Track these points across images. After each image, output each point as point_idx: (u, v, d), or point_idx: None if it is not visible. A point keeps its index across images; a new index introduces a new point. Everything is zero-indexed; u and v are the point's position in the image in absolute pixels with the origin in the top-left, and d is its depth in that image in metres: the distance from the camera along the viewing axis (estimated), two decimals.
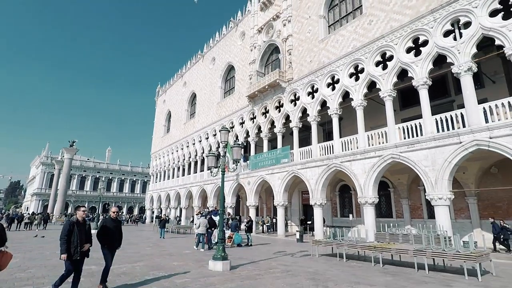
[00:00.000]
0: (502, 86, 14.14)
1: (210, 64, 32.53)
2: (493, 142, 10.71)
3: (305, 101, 18.99)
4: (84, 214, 5.55)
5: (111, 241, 5.97)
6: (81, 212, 5.46)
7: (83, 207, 5.70)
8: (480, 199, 15.03)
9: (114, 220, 6.26)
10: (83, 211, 5.56)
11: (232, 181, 24.38)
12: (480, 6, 11.67)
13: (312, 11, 19.99)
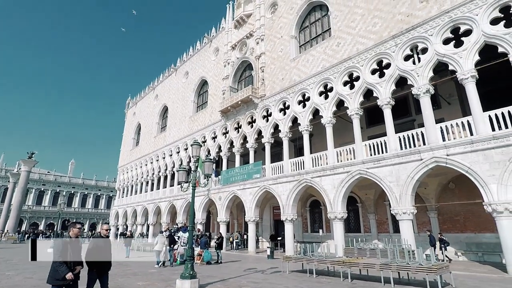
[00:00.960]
0: (456, 107, 15.34)
1: (183, 78, 32.32)
2: (450, 159, 11.48)
3: (277, 117, 19.33)
4: (79, 232, 4.99)
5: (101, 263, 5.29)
6: (76, 230, 4.91)
7: (79, 224, 5.06)
8: (440, 213, 15.88)
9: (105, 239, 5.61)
10: (79, 229, 4.98)
11: (203, 197, 23.89)
12: (434, 34, 12.75)
13: (284, 31, 20.73)
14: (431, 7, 13.16)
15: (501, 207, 10.04)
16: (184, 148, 28.29)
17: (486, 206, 10.44)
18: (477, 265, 12.72)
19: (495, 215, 10.24)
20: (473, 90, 11.42)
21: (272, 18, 22.32)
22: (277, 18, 21.68)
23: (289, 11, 20.71)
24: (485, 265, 12.42)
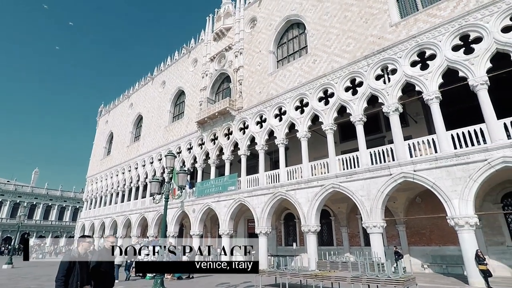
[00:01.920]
0: (423, 125, 16.23)
1: (160, 87, 31.88)
2: (417, 175, 12.07)
3: (254, 130, 19.47)
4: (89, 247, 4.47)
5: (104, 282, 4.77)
6: (86, 244, 4.38)
7: (89, 238, 4.51)
8: (408, 226, 16.49)
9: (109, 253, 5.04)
10: (89, 243, 4.44)
11: (176, 209, 23.28)
12: (403, 57, 13.59)
13: (263, 46, 21.19)
14: (400, 31, 14.06)
15: (462, 221, 10.63)
16: (158, 159, 27.62)
17: (449, 220, 11.02)
18: (442, 277, 13.25)
19: (457, 228, 10.81)
20: (437, 110, 12.19)
21: (251, 32, 22.78)
22: (256, 33, 22.16)
23: (268, 27, 21.27)
24: (449, 277, 12.97)
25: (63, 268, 4.10)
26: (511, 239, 13.39)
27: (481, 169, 10.66)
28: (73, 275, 4.07)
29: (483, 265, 10.23)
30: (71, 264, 4.13)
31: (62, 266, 4.13)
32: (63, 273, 4.06)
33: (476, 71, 11.44)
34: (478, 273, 10.30)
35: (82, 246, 4.38)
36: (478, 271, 10.25)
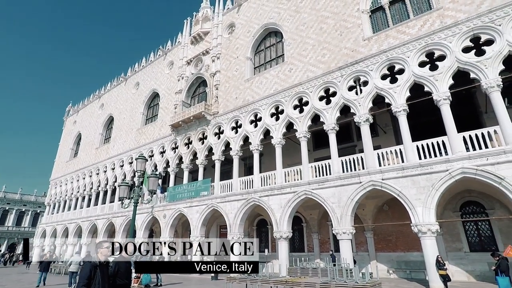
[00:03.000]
0: (391, 136, 16.99)
1: (133, 89, 30.99)
2: (384, 183, 12.56)
3: (229, 135, 19.40)
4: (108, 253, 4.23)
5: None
6: (105, 250, 4.14)
7: (106, 243, 4.24)
8: (375, 233, 17.04)
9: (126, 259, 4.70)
10: (107, 248, 4.18)
11: (146, 214, 22.52)
12: (374, 70, 14.21)
13: (240, 52, 21.30)
14: (372, 45, 14.71)
15: (425, 228, 11.17)
16: (129, 162, 26.68)
17: (413, 227, 11.53)
18: (405, 282, 13.79)
19: (420, 235, 11.34)
20: (405, 122, 12.82)
21: (229, 38, 22.84)
22: (234, 39, 22.26)
23: (246, 33, 21.44)
24: (412, 282, 13.52)
25: (84, 276, 3.88)
26: (468, 245, 14.24)
27: (443, 178, 11.30)
28: (94, 284, 3.85)
29: (443, 270, 10.76)
30: (92, 272, 3.90)
31: (83, 274, 3.91)
32: (83, 282, 3.84)
33: (439, 87, 12.19)
34: (439, 278, 10.82)
35: (101, 252, 4.14)
36: (438, 276, 10.77)
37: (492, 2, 11.91)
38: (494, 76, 11.15)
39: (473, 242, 14.27)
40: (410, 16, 14.22)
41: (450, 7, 12.92)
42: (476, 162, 10.84)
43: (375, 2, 15.70)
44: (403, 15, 14.64)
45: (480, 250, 13.74)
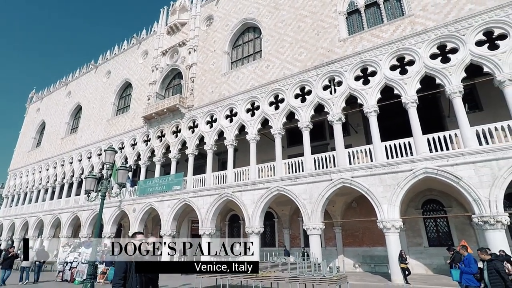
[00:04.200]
0: (362, 136, 17.61)
1: (104, 77, 29.63)
2: (354, 181, 13.02)
3: (203, 129, 19.16)
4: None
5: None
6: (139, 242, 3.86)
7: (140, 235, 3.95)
8: (343, 229, 17.66)
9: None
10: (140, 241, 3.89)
11: (114, 208, 21.76)
12: (348, 71, 14.61)
13: (218, 45, 21.02)
14: (347, 47, 15.10)
15: (389, 224, 11.75)
16: (98, 154, 25.57)
17: (379, 223, 12.08)
18: (370, 275, 14.45)
19: (385, 231, 11.91)
20: (375, 123, 13.33)
21: (207, 30, 22.45)
22: (212, 32, 21.91)
23: (224, 27, 21.17)
24: (376, 275, 14.19)
25: (119, 270, 3.68)
26: (427, 241, 15.18)
27: (407, 177, 11.92)
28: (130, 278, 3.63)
29: (404, 264, 11.40)
30: (127, 266, 3.68)
31: (118, 268, 3.70)
32: (120, 275, 3.64)
33: (408, 90, 12.79)
34: (400, 271, 11.46)
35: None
36: (400, 269, 11.40)
37: (458, 13, 12.63)
38: (457, 82, 11.88)
39: (432, 238, 15.23)
40: (384, 21, 14.74)
41: (420, 14, 13.55)
42: (437, 162, 11.53)
43: (351, 4, 16.09)
44: (377, 19, 15.14)
45: (437, 245, 14.70)
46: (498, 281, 5.47)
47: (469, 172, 10.87)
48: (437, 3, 13.25)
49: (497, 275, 5.55)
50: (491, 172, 10.52)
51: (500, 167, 10.42)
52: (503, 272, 5.51)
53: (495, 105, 13.68)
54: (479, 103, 15.47)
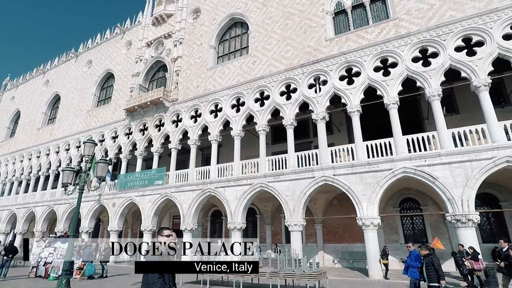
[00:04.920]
0: (344, 135, 17.93)
1: (85, 67, 28.65)
2: (335, 179, 13.27)
3: (187, 124, 18.93)
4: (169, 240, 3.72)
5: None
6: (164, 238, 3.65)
7: (167, 230, 3.73)
8: (324, 226, 18.00)
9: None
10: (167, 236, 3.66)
11: (93, 202, 21.21)
12: (333, 70, 14.81)
13: (204, 39, 20.76)
14: (333, 46, 15.28)
15: (368, 221, 12.08)
16: (76, 146, 24.77)
17: (358, 220, 12.40)
18: (348, 271, 14.83)
19: (364, 228, 12.24)
20: (357, 122, 13.61)
21: (193, 23, 22.11)
22: (199, 25, 21.61)
23: (212, 21, 20.92)
24: (354, 271, 14.57)
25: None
26: (404, 238, 15.73)
27: (387, 176, 12.28)
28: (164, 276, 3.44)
29: (386, 260, 11.78)
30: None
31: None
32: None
33: (390, 92, 13.12)
34: (378, 267, 11.84)
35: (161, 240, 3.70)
36: (381, 264, 11.79)
37: (439, 19, 13.04)
38: (436, 86, 12.30)
39: (407, 235, 15.79)
40: (369, 23, 15.01)
41: (404, 18, 13.89)
42: (415, 163, 11.93)
43: (339, 4, 16.28)
44: (363, 20, 15.40)
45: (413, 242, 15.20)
46: (432, 273, 6.16)
47: (444, 173, 11.32)
48: (421, 8, 13.62)
49: (432, 267, 6.20)
50: (464, 173, 11.00)
51: (473, 168, 10.91)
52: (437, 265, 6.17)
53: (471, 108, 14.27)
54: (456, 106, 16.10)
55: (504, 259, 7.73)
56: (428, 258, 6.46)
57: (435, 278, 6.16)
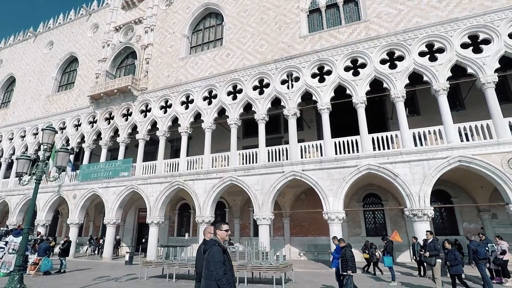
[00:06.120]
0: (314, 131, 18.36)
1: (45, 48, 26.61)
2: (304, 174, 13.60)
3: (157, 114, 18.35)
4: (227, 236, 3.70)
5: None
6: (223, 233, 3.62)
7: (226, 225, 3.69)
8: (292, 219, 18.41)
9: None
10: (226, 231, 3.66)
11: (51, 193, 19.95)
12: (306, 67, 15.06)
13: (177, 27, 20.12)
14: (307, 44, 15.51)
15: (334, 215, 12.55)
16: (33, 133, 23.08)
17: (324, 214, 12.84)
18: (313, 263, 15.36)
19: (329, 222, 12.70)
20: (327, 119, 14.00)
21: (166, 10, 21.32)
22: (172, 13, 20.88)
23: (185, 9, 20.31)
24: (318, 263, 15.12)
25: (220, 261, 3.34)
26: (365, 231, 16.56)
27: (352, 173, 12.80)
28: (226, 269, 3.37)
29: (366, 254, 12.31)
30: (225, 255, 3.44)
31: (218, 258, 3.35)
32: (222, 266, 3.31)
33: (359, 91, 13.62)
34: None
35: (220, 234, 3.65)
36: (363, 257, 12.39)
37: (407, 24, 13.70)
38: (401, 88, 12.97)
39: (369, 228, 16.65)
40: (342, 23, 15.40)
41: (375, 21, 14.42)
42: (379, 160, 12.55)
43: (313, 3, 16.51)
44: (336, 20, 15.77)
45: (374, 235, 16.08)
46: (344, 263, 6.97)
47: (404, 170, 12.03)
48: (390, 12, 14.22)
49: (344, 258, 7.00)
50: (422, 171, 11.77)
51: (430, 167, 11.70)
52: (349, 257, 6.95)
53: (430, 110, 15.23)
54: (417, 108, 17.08)
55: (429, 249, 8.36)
56: (343, 250, 7.21)
57: (346, 267, 6.92)
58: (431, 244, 8.41)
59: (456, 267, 7.62)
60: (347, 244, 7.45)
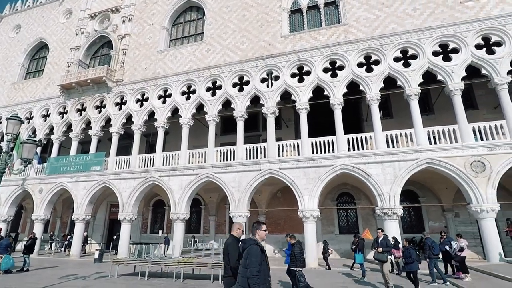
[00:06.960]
0: (292, 130, 18.58)
1: (12, 32, 24.98)
2: (281, 172, 13.74)
3: (132, 108, 17.79)
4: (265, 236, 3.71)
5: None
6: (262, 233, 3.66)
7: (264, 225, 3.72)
8: (268, 217, 18.55)
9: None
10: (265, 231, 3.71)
11: (15, 187, 18.82)
12: (286, 67, 15.19)
13: (156, 19, 19.58)
14: (287, 43, 15.63)
15: (309, 213, 12.80)
16: None
17: (299, 212, 13.06)
18: None
19: (304, 220, 12.94)
20: (304, 119, 14.21)
21: (145, 1, 20.65)
22: (151, 3, 20.27)
23: (166, 1, 19.78)
24: None
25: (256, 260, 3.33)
26: (338, 229, 17.03)
27: (328, 172, 13.10)
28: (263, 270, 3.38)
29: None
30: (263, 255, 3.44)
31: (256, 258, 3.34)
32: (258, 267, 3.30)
33: (336, 93, 13.93)
34: (314, 256, 12.60)
35: (259, 235, 3.66)
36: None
37: (383, 30, 14.17)
38: (376, 91, 13.42)
39: (342, 226, 17.13)
40: (322, 25, 15.66)
41: (354, 25, 14.79)
42: (354, 160, 12.93)
43: (295, 3, 16.65)
44: (317, 22, 16.01)
45: (346, 232, 16.58)
46: (293, 259, 7.14)
47: (377, 170, 12.48)
48: (368, 17, 14.63)
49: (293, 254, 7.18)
50: (393, 172, 12.27)
51: (400, 168, 12.23)
52: (297, 253, 7.13)
53: (402, 114, 15.86)
54: (391, 111, 17.73)
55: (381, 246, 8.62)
56: (293, 247, 7.37)
57: (295, 263, 7.10)
58: (383, 241, 8.74)
59: (410, 265, 7.91)
60: (297, 241, 7.56)
